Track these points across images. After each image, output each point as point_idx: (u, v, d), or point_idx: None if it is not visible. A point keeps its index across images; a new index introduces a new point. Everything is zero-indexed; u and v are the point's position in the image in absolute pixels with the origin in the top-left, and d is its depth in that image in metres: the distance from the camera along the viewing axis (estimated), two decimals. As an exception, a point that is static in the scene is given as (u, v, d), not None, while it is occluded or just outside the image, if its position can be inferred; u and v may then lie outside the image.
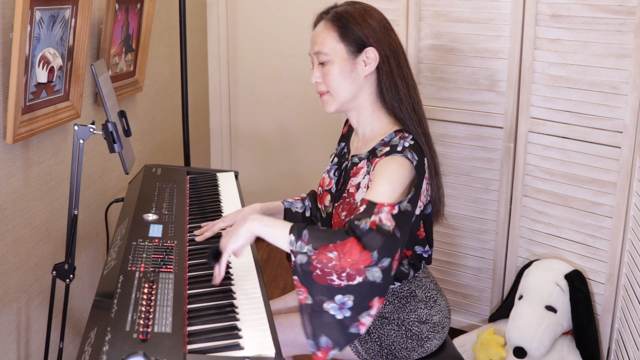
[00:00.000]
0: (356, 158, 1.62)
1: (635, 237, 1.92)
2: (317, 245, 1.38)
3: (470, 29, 2.33)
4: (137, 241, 1.56)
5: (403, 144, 1.50)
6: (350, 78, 1.56)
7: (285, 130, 3.65)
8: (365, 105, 1.61)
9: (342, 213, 1.59)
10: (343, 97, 1.58)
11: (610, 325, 2.14)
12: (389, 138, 1.56)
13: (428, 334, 1.63)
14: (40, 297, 1.93)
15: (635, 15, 1.95)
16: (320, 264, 1.37)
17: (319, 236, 1.40)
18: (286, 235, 1.42)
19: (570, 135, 2.17)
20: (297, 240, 1.40)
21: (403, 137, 1.52)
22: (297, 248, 1.40)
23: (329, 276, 1.37)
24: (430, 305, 1.65)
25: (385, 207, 1.42)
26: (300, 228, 1.42)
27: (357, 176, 1.59)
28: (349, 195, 1.59)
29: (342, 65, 1.55)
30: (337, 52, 1.55)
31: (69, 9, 1.86)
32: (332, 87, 1.57)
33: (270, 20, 3.50)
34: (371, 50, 1.54)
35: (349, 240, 1.37)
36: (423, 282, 1.66)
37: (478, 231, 2.49)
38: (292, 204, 1.84)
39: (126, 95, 2.42)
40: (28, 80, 1.73)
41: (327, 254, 1.37)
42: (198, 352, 1.21)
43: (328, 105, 1.60)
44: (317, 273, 1.38)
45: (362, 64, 1.55)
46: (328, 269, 1.37)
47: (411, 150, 1.49)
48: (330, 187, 1.70)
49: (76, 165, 1.67)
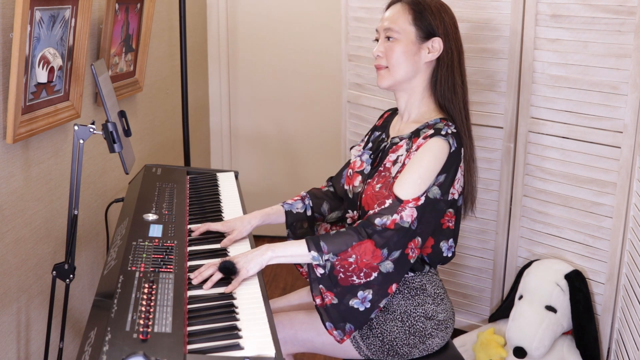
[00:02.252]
0: (397, 139, 1.68)
1: (635, 237, 1.92)
2: (337, 251, 1.52)
3: (470, 29, 2.33)
4: (137, 241, 1.56)
5: (447, 130, 1.58)
6: (411, 59, 1.63)
7: (285, 130, 3.65)
8: (417, 90, 1.67)
9: (377, 185, 1.63)
10: (399, 76, 1.65)
11: (610, 325, 2.14)
12: (434, 122, 1.63)
13: (431, 331, 1.64)
14: (40, 297, 1.93)
15: (635, 15, 1.95)
16: (343, 268, 1.53)
17: (335, 242, 1.53)
18: (306, 253, 1.53)
19: (570, 135, 2.17)
20: (320, 255, 1.53)
21: (447, 124, 1.60)
22: (323, 260, 1.53)
23: (350, 277, 1.53)
24: (438, 302, 1.66)
25: (410, 203, 1.53)
26: (315, 241, 1.53)
27: (396, 152, 1.64)
28: (385, 169, 1.64)
29: (408, 46, 1.62)
30: (407, 33, 1.63)
31: (69, 9, 1.86)
32: (392, 64, 1.64)
33: (271, 20, 3.50)
34: (437, 41, 1.63)
35: (364, 241, 1.51)
36: (434, 278, 1.69)
37: (478, 231, 2.49)
38: (292, 205, 1.84)
39: (126, 95, 2.42)
40: (28, 80, 1.73)
41: (348, 259, 1.52)
42: (198, 352, 1.21)
43: (383, 80, 1.66)
44: (340, 277, 1.54)
45: (426, 50, 1.63)
46: (349, 272, 1.53)
47: (453, 137, 1.57)
48: (363, 169, 1.73)
49: (76, 165, 1.67)
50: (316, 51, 3.47)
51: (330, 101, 3.44)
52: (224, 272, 1.48)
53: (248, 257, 1.53)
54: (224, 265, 1.49)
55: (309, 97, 3.57)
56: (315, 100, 3.56)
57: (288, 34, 3.50)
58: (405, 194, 1.54)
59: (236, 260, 1.51)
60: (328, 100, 3.47)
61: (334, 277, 1.54)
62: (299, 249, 1.54)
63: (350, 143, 2.89)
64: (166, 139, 2.97)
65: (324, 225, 1.86)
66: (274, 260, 1.54)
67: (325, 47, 3.43)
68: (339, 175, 1.88)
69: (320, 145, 3.59)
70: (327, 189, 1.89)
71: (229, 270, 1.49)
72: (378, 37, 1.68)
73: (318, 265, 1.54)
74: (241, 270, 1.50)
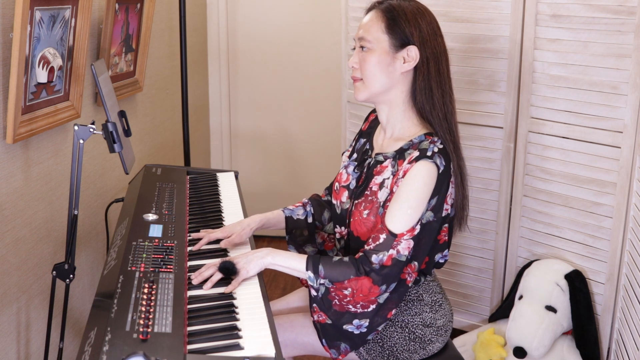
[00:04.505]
0: (381, 156, 1.61)
1: (635, 237, 1.92)
2: (334, 279, 1.50)
3: (470, 29, 2.33)
4: (137, 241, 1.56)
5: (432, 149, 1.50)
6: (386, 71, 1.56)
7: (285, 130, 3.65)
8: (397, 102, 1.60)
9: (364, 212, 1.58)
10: (375, 88, 1.58)
11: (610, 325, 2.14)
12: (418, 140, 1.56)
13: (431, 337, 1.63)
14: (40, 297, 1.93)
15: (635, 15, 1.95)
16: (338, 297, 1.52)
17: (334, 271, 1.50)
18: (304, 271, 1.52)
19: (570, 135, 2.17)
20: (316, 278, 1.51)
21: (433, 141, 1.53)
22: (317, 284, 1.52)
23: (346, 305, 1.52)
24: (436, 309, 1.64)
25: (405, 236, 1.49)
26: (315, 263, 1.52)
27: (381, 174, 1.59)
28: (372, 193, 1.59)
29: (382, 56, 1.55)
30: (380, 42, 1.55)
31: (69, 9, 1.86)
32: (367, 76, 1.57)
33: (270, 20, 3.50)
34: (413, 49, 1.54)
35: (361, 278, 1.48)
36: (430, 285, 1.66)
37: (478, 231, 2.49)
38: (292, 211, 1.81)
39: (126, 95, 2.42)
40: (28, 80, 1.73)
41: (343, 291, 1.50)
42: (198, 352, 1.21)
43: (359, 92, 1.60)
44: (335, 303, 1.53)
45: (402, 60, 1.55)
46: (345, 302, 1.52)
47: (440, 155, 1.50)
48: (349, 183, 1.69)
49: (76, 165, 1.67)
50: (316, 51, 3.47)
51: (330, 101, 3.44)
52: (223, 272, 1.49)
53: (248, 258, 1.53)
54: (224, 266, 1.49)
55: (309, 97, 3.57)
56: (315, 100, 3.56)
57: (288, 34, 3.50)
58: (398, 227, 1.48)
59: (236, 260, 1.51)
60: (328, 100, 3.47)
61: (327, 301, 1.52)
62: (298, 264, 1.53)
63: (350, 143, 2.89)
64: (166, 139, 2.97)
65: (321, 234, 1.83)
66: (272, 267, 1.55)
67: (325, 47, 3.43)
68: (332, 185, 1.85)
69: (320, 146, 3.59)
70: (327, 198, 1.86)
71: (228, 270, 1.49)
72: (355, 47, 1.61)
73: (312, 287, 1.53)
74: (241, 270, 1.50)
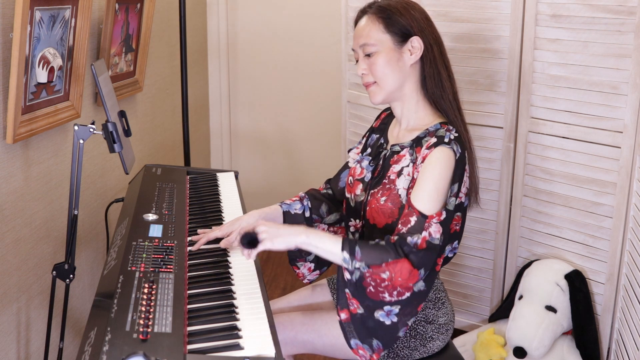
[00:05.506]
0: (397, 147, 1.64)
1: (635, 237, 1.92)
2: (370, 262, 1.47)
3: (470, 29, 2.33)
4: (137, 241, 1.56)
5: (449, 136, 1.54)
6: (397, 67, 1.59)
7: (285, 130, 3.65)
8: (410, 95, 1.63)
9: (382, 198, 1.60)
10: (390, 87, 1.61)
11: (610, 325, 2.14)
12: (435, 128, 1.59)
13: (432, 334, 1.64)
14: (40, 297, 1.93)
15: (635, 15, 1.95)
16: (374, 282, 1.48)
17: (371, 253, 1.47)
18: (339, 251, 1.49)
19: (570, 135, 2.17)
20: (352, 259, 1.48)
21: (448, 129, 1.56)
22: (352, 266, 1.48)
23: (381, 293, 1.49)
24: (438, 306, 1.65)
25: (435, 219, 1.49)
26: (352, 244, 1.48)
27: (399, 163, 1.61)
28: (390, 182, 1.60)
29: (389, 55, 1.58)
30: (384, 42, 1.58)
31: (69, 9, 1.86)
32: (380, 77, 1.60)
33: (271, 20, 3.50)
34: (416, 40, 1.58)
35: (400, 260, 1.46)
36: (435, 282, 1.66)
37: (478, 231, 2.49)
38: (290, 205, 1.82)
39: (126, 95, 2.42)
40: (28, 80, 1.73)
41: (380, 274, 1.46)
42: (198, 352, 1.21)
43: (375, 95, 1.62)
44: (370, 290, 1.49)
45: (408, 53, 1.59)
46: (381, 288, 1.48)
47: (456, 143, 1.54)
48: (363, 177, 1.70)
49: (76, 165, 1.67)
50: (316, 51, 3.47)
51: (330, 101, 3.44)
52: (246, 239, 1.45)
53: (279, 231, 1.49)
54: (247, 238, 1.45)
55: (309, 97, 3.57)
56: (315, 100, 3.56)
57: (288, 34, 3.50)
58: (427, 208, 1.49)
59: (264, 228, 1.48)
60: (328, 100, 3.47)
61: (361, 287, 1.50)
62: (333, 245, 1.49)
63: (350, 143, 2.89)
64: (166, 139, 2.98)
65: (321, 226, 1.85)
66: (304, 246, 1.50)
67: (325, 47, 3.43)
68: (336, 177, 1.86)
69: (320, 145, 3.59)
70: (326, 191, 1.88)
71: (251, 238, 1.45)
72: (357, 57, 1.64)
73: (346, 269, 1.50)
74: (265, 240, 1.46)
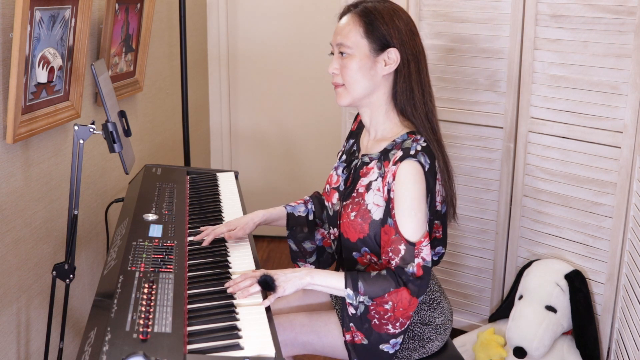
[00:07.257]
0: (367, 157, 1.61)
1: (635, 237, 1.92)
2: (374, 295, 1.49)
3: (470, 29, 2.33)
4: (137, 241, 1.57)
5: (415, 147, 1.50)
6: (368, 75, 1.55)
7: (285, 129, 3.65)
8: (379, 104, 1.59)
9: (352, 214, 1.58)
10: (358, 93, 1.57)
11: (610, 325, 2.14)
12: (401, 139, 1.55)
13: (430, 335, 1.63)
14: (40, 297, 1.93)
15: (635, 15, 1.95)
16: (378, 314, 1.50)
17: (373, 286, 1.49)
18: (342, 288, 1.51)
19: (570, 135, 2.17)
20: (356, 295, 1.50)
21: (415, 139, 1.52)
22: (357, 301, 1.50)
23: (385, 326, 1.51)
24: (434, 307, 1.65)
25: (423, 242, 1.49)
26: (354, 280, 1.50)
27: (368, 176, 1.58)
28: (359, 195, 1.58)
29: (363, 61, 1.54)
30: (360, 47, 1.54)
31: (69, 9, 1.86)
32: (349, 81, 1.56)
33: (271, 20, 3.50)
34: (393, 51, 1.53)
35: (400, 289, 1.48)
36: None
37: (478, 231, 2.49)
38: (294, 208, 1.82)
39: (126, 95, 2.42)
40: (28, 80, 1.73)
41: (384, 305, 1.49)
42: (198, 352, 1.22)
43: (341, 98, 1.59)
44: (374, 322, 1.52)
45: (383, 63, 1.54)
46: (385, 320, 1.51)
47: (424, 154, 1.49)
48: (339, 185, 1.69)
49: (76, 165, 1.67)
50: (316, 51, 3.47)
51: (330, 101, 3.44)
52: (263, 285, 1.47)
53: (288, 277, 1.50)
54: (264, 280, 1.47)
55: (309, 97, 3.57)
56: (315, 100, 3.56)
57: (288, 34, 3.50)
58: (413, 234, 1.48)
59: (276, 276, 1.49)
60: (328, 100, 3.47)
61: (366, 320, 1.51)
62: (337, 282, 1.51)
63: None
64: (166, 139, 2.97)
65: (321, 231, 1.84)
66: (310, 287, 1.52)
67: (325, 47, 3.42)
68: None
69: (321, 145, 3.59)
70: None
71: (268, 285, 1.47)
72: (333, 51, 1.61)
73: (351, 305, 1.51)
74: (278, 288, 1.48)
